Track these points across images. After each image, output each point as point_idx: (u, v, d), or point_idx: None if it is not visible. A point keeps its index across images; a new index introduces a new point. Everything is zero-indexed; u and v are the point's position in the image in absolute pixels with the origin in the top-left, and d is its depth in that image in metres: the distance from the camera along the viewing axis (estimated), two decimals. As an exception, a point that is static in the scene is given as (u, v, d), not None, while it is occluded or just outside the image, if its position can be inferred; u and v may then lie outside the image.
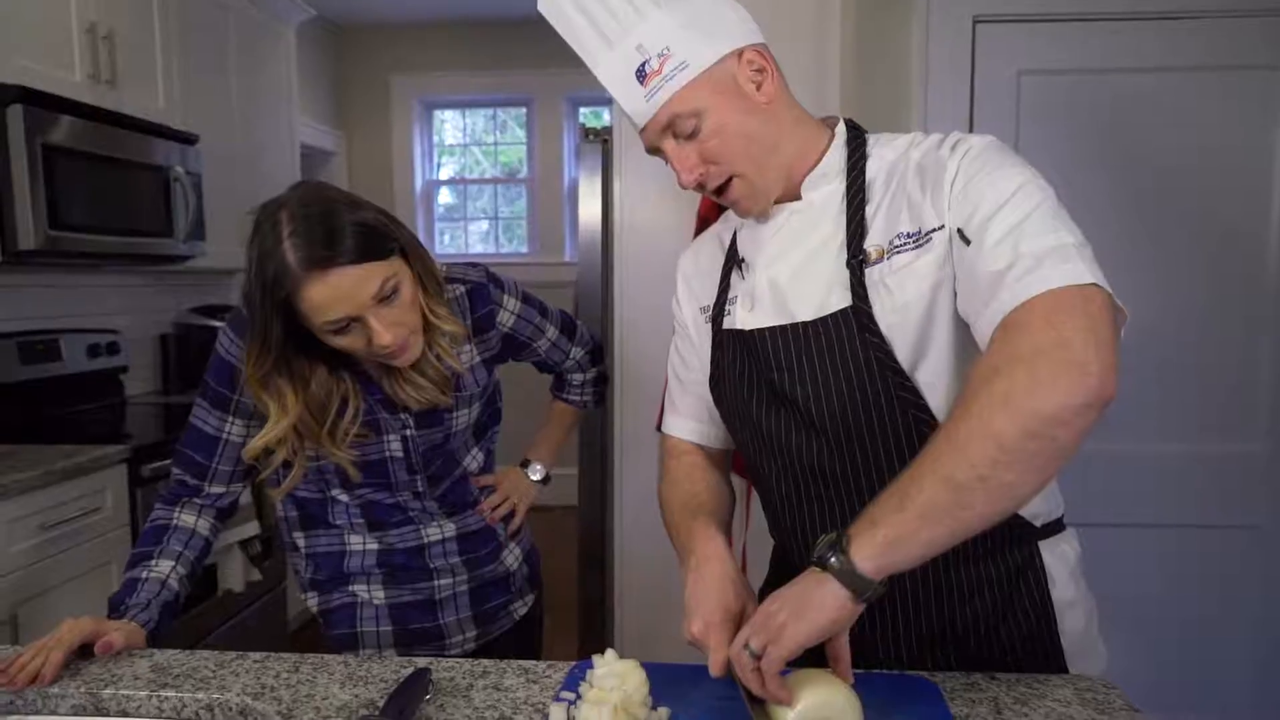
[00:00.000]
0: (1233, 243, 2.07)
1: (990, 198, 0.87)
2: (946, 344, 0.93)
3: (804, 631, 0.79)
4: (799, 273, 1.00)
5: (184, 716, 0.94)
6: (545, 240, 5.20)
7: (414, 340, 1.13)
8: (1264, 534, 2.15)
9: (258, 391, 1.12)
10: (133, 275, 3.04)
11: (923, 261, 0.92)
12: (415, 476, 1.26)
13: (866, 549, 0.78)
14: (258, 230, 1.06)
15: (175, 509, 1.22)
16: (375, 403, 1.20)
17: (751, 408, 1.05)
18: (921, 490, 0.77)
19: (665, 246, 2.29)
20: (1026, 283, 0.80)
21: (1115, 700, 0.90)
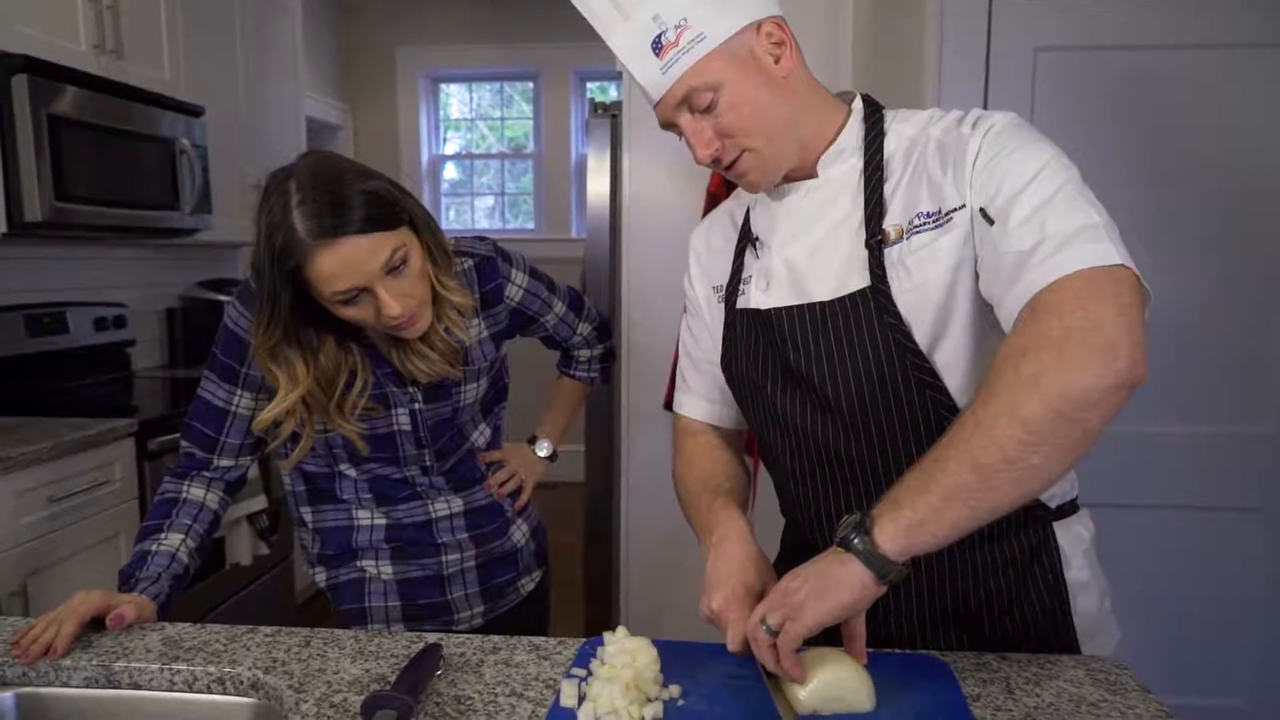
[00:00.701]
0: (1247, 224, 2.05)
1: (1014, 177, 0.86)
2: (965, 325, 0.92)
3: (824, 611, 0.79)
4: (816, 252, 0.98)
5: (195, 689, 0.94)
6: (552, 216, 5.18)
7: (423, 312, 1.12)
8: (1264, 516, 2.15)
9: (266, 363, 1.12)
10: (139, 248, 3.03)
11: (943, 242, 0.91)
12: (423, 451, 1.25)
13: (890, 530, 0.78)
14: (266, 199, 1.05)
15: (184, 482, 1.22)
16: (383, 376, 1.20)
17: (765, 388, 1.04)
18: (947, 472, 0.77)
19: (674, 223, 2.28)
20: (1055, 262, 0.79)
21: (1127, 681, 0.90)
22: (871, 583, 0.79)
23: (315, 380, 1.13)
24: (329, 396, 1.15)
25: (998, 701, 0.86)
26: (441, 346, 1.19)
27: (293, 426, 1.16)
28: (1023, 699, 0.86)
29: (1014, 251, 0.83)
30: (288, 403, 1.12)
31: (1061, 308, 0.77)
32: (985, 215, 0.87)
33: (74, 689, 0.95)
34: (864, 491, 0.99)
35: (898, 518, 0.78)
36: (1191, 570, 2.19)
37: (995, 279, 0.86)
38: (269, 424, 1.16)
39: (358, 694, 0.88)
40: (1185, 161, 2.02)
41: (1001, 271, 0.84)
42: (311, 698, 0.87)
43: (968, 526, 0.78)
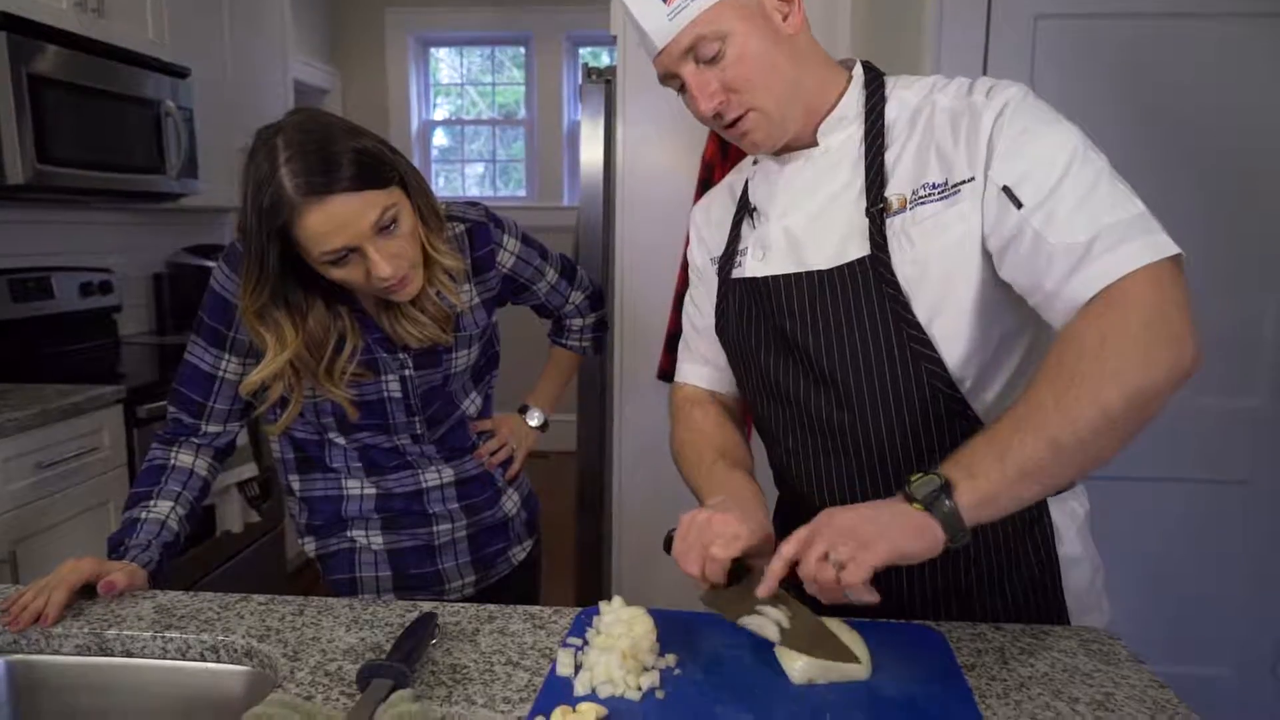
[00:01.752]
0: (1246, 197, 2.04)
1: (1047, 161, 0.85)
2: (967, 298, 0.91)
3: (897, 552, 0.77)
4: (815, 221, 0.97)
5: (189, 658, 0.94)
6: (544, 184, 5.13)
7: (413, 274, 1.11)
8: (1253, 489, 2.17)
9: (254, 324, 1.10)
10: (125, 213, 2.99)
11: (950, 214, 0.89)
12: (414, 418, 1.24)
13: (969, 499, 0.78)
14: (253, 157, 1.03)
15: (172, 449, 1.20)
16: (373, 342, 1.18)
17: (759, 357, 1.03)
18: (1025, 446, 0.77)
19: (668, 191, 2.26)
20: (1117, 258, 0.80)
21: (1119, 651, 0.90)
22: (941, 544, 0.78)
23: (304, 343, 1.11)
24: (317, 360, 1.13)
25: (992, 671, 0.86)
26: (433, 310, 1.17)
27: (280, 390, 1.15)
28: (1016, 669, 0.87)
29: (1067, 243, 0.82)
30: (275, 365, 1.11)
31: (1138, 300, 0.79)
32: (1011, 195, 0.86)
33: (66, 656, 0.94)
34: (859, 463, 0.99)
35: (976, 487, 0.78)
36: (1181, 542, 2.22)
37: (1041, 269, 0.84)
38: (256, 386, 1.14)
39: (353, 662, 0.87)
40: (1184, 132, 2.01)
41: (1054, 263, 0.83)
42: (306, 666, 0.87)
43: (1029, 501, 0.80)
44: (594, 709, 0.76)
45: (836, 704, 0.79)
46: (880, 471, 0.98)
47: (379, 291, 1.10)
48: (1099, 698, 0.82)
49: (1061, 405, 0.77)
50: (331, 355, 1.14)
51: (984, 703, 0.80)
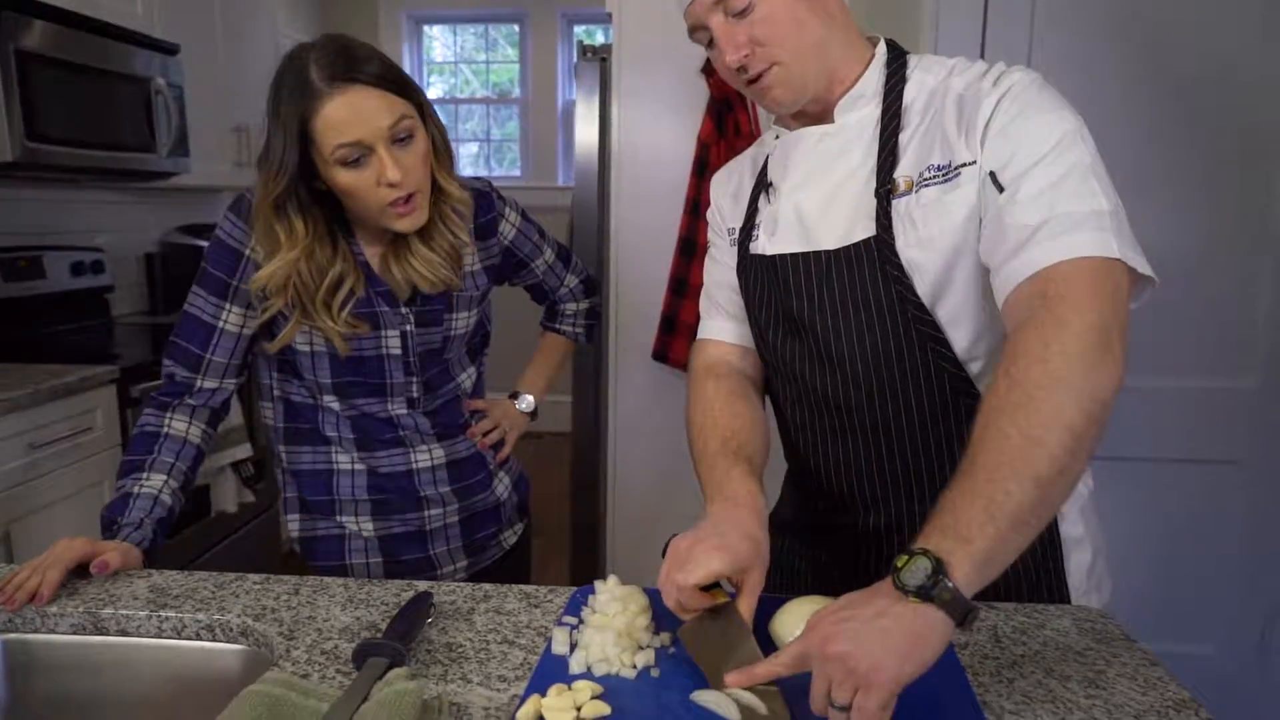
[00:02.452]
0: (1244, 173, 2.04)
1: (1029, 146, 0.84)
2: (970, 281, 0.91)
3: (908, 674, 0.67)
4: (826, 200, 0.97)
5: (184, 636, 0.94)
6: (538, 164, 5.10)
7: (421, 200, 1.12)
8: (1244, 469, 2.18)
9: (269, 218, 1.10)
10: (116, 192, 2.96)
11: (951, 197, 0.89)
12: (411, 379, 1.24)
13: (966, 568, 0.69)
14: (283, 61, 1.09)
15: (166, 414, 1.19)
16: (376, 295, 1.19)
17: (769, 334, 1.04)
18: (1010, 494, 0.70)
19: (664, 171, 2.24)
20: (1059, 244, 0.79)
21: (1112, 629, 0.91)
22: (951, 631, 0.69)
23: (307, 261, 1.12)
24: (317, 286, 1.13)
25: (985, 649, 0.87)
26: (444, 246, 1.19)
27: (280, 305, 1.14)
28: (1010, 647, 0.87)
29: (1019, 224, 0.82)
30: (286, 261, 1.11)
31: (1076, 301, 0.76)
32: (995, 180, 0.85)
33: (61, 635, 0.94)
34: (865, 441, 0.99)
35: (972, 554, 0.69)
36: (1173, 522, 2.23)
37: (996, 247, 0.84)
38: (264, 282, 1.13)
39: (349, 641, 0.87)
40: (1184, 107, 2.00)
41: (1003, 241, 0.83)
42: (302, 645, 0.87)
43: (1020, 551, 0.72)
44: (589, 687, 0.77)
45: (831, 682, 0.80)
46: (891, 450, 0.98)
47: (385, 216, 1.10)
48: (1091, 675, 0.82)
49: (1031, 435, 0.72)
50: (331, 288, 1.14)
51: (977, 681, 0.81)
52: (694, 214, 2.18)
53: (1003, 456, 0.72)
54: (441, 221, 1.18)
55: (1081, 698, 0.78)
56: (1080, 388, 0.73)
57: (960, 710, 0.75)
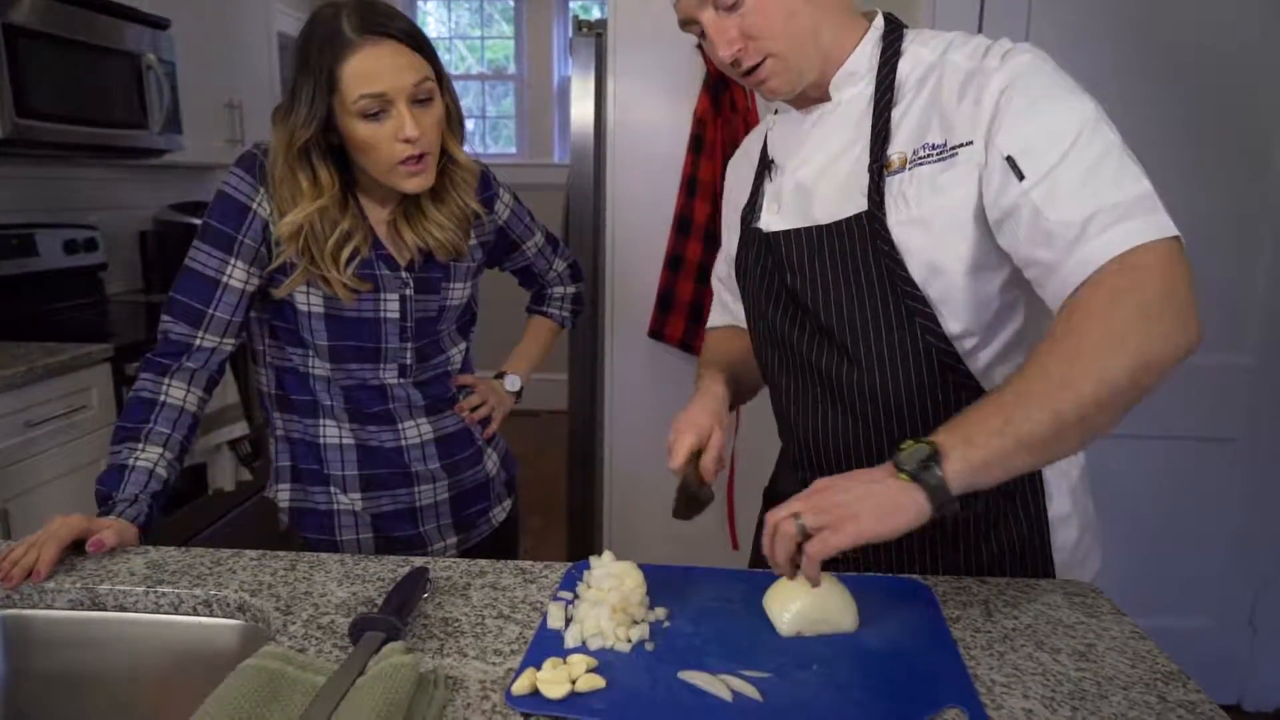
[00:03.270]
0: (1242, 154, 2.04)
1: (1054, 134, 0.83)
2: (963, 261, 0.90)
3: (875, 531, 0.76)
4: (822, 176, 0.98)
5: (181, 612, 0.94)
6: (534, 141, 5.07)
7: (431, 163, 1.15)
8: (1240, 447, 2.20)
9: (293, 165, 1.12)
10: (108, 169, 2.94)
11: (946, 177, 0.89)
12: (406, 345, 1.24)
13: (960, 467, 0.76)
14: (311, 19, 1.12)
15: (164, 379, 1.17)
16: (377, 258, 1.20)
17: (768, 310, 1.05)
18: (1030, 419, 0.75)
19: (661, 148, 2.23)
20: (1111, 237, 0.78)
21: (1102, 604, 0.92)
22: (925, 514, 0.77)
23: (321, 213, 1.14)
24: (327, 238, 1.15)
25: (977, 623, 0.87)
26: (456, 211, 1.23)
27: (292, 253, 1.15)
28: (1001, 621, 0.88)
29: (1065, 222, 0.81)
30: (312, 208, 1.13)
31: (1149, 270, 0.77)
32: (1014, 166, 0.84)
33: (58, 611, 0.95)
34: (858, 416, 0.99)
35: (970, 455, 0.76)
36: (1167, 498, 2.24)
37: (1035, 243, 0.83)
38: (292, 228, 1.13)
39: (345, 616, 0.88)
40: (1181, 84, 2.00)
41: (1050, 239, 0.82)
42: (299, 619, 0.87)
43: (1023, 471, 0.79)
44: (584, 660, 0.77)
45: (824, 655, 0.80)
46: (879, 424, 0.99)
47: (395, 174, 1.12)
48: (1081, 648, 0.83)
49: (1069, 379, 0.75)
50: (339, 242, 1.16)
51: (969, 654, 0.81)
52: (690, 192, 2.17)
53: (1034, 386, 0.77)
54: (453, 189, 1.22)
55: (1071, 670, 0.79)
56: (1135, 350, 0.75)
57: (952, 682, 0.76)
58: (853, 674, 0.78)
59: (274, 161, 1.14)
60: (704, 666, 0.78)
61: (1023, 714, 0.72)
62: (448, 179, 1.21)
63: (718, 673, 0.77)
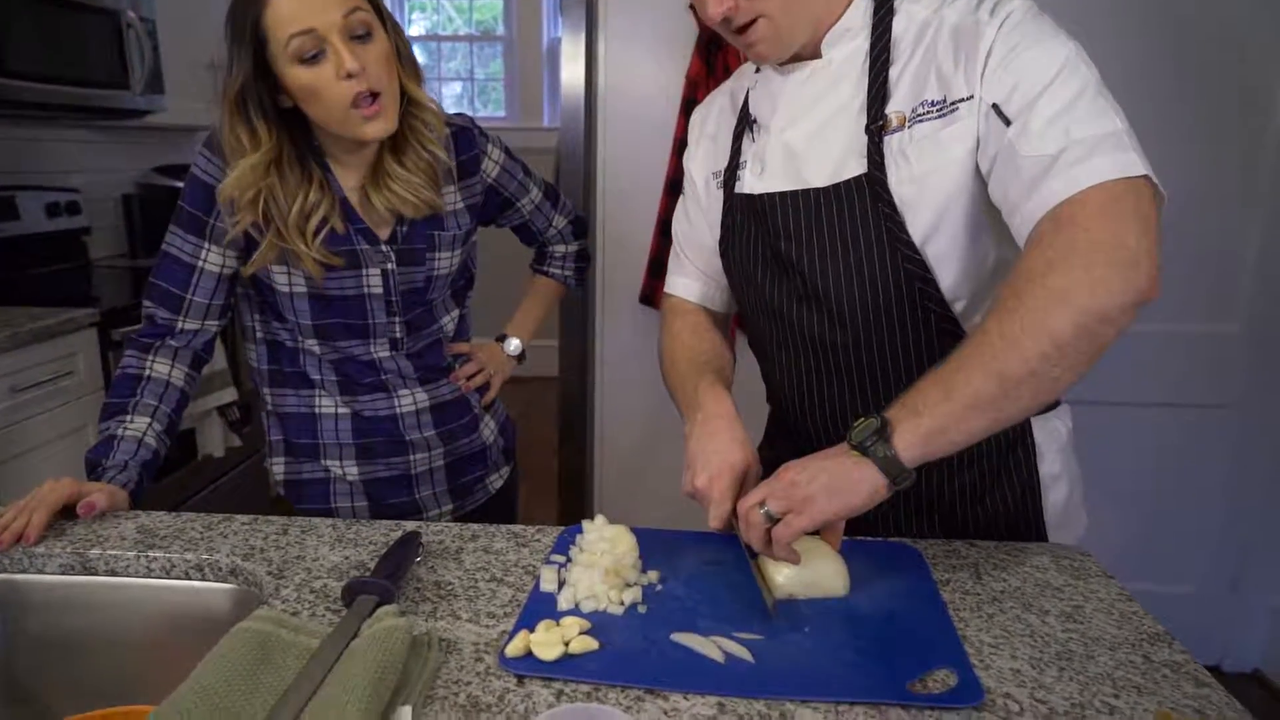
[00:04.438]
0: (1235, 121, 2.03)
1: (1033, 75, 0.82)
2: (961, 221, 0.90)
3: (833, 510, 0.79)
4: (815, 137, 0.96)
5: (173, 576, 0.94)
6: (524, 103, 5.00)
7: (389, 103, 1.09)
8: (1234, 413, 2.21)
9: (231, 121, 1.08)
10: (89, 130, 2.89)
11: (946, 133, 0.88)
12: (394, 320, 1.22)
13: (909, 439, 0.77)
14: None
15: (148, 356, 1.17)
16: (356, 233, 1.17)
17: (756, 276, 1.03)
18: (969, 382, 0.76)
19: (652, 111, 2.21)
20: (1080, 170, 0.77)
21: (1090, 567, 0.93)
22: (884, 488, 0.79)
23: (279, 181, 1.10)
24: (289, 208, 1.11)
25: (966, 586, 0.88)
26: (420, 164, 1.17)
27: (250, 220, 1.12)
28: (990, 583, 0.89)
29: (1035, 156, 0.80)
30: (250, 164, 1.08)
31: (1087, 221, 0.75)
32: (1000, 113, 0.83)
33: (50, 575, 0.95)
34: (849, 382, 0.99)
35: (917, 425, 0.77)
36: (1158, 465, 2.26)
37: (1011, 183, 0.82)
38: (231, 191, 1.10)
39: (337, 580, 0.88)
40: (1177, 56, 1.98)
41: (1020, 176, 0.81)
42: (291, 583, 0.87)
43: (982, 434, 0.78)
44: (577, 623, 0.78)
45: (815, 618, 0.81)
46: (871, 390, 0.99)
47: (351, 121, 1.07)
48: (1068, 610, 0.84)
49: (1007, 336, 0.75)
50: (303, 213, 1.12)
51: (958, 616, 0.82)
52: (682, 155, 2.15)
53: (975, 350, 0.77)
54: (414, 138, 1.16)
55: (1059, 632, 0.80)
56: (1076, 302, 0.73)
57: (942, 644, 0.77)
58: (844, 636, 0.78)
59: (220, 125, 1.10)
60: (696, 629, 0.79)
61: (1011, 674, 0.73)
62: (407, 126, 1.15)
63: (710, 635, 0.77)
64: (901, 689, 0.70)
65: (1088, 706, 0.69)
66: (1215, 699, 0.71)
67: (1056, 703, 0.70)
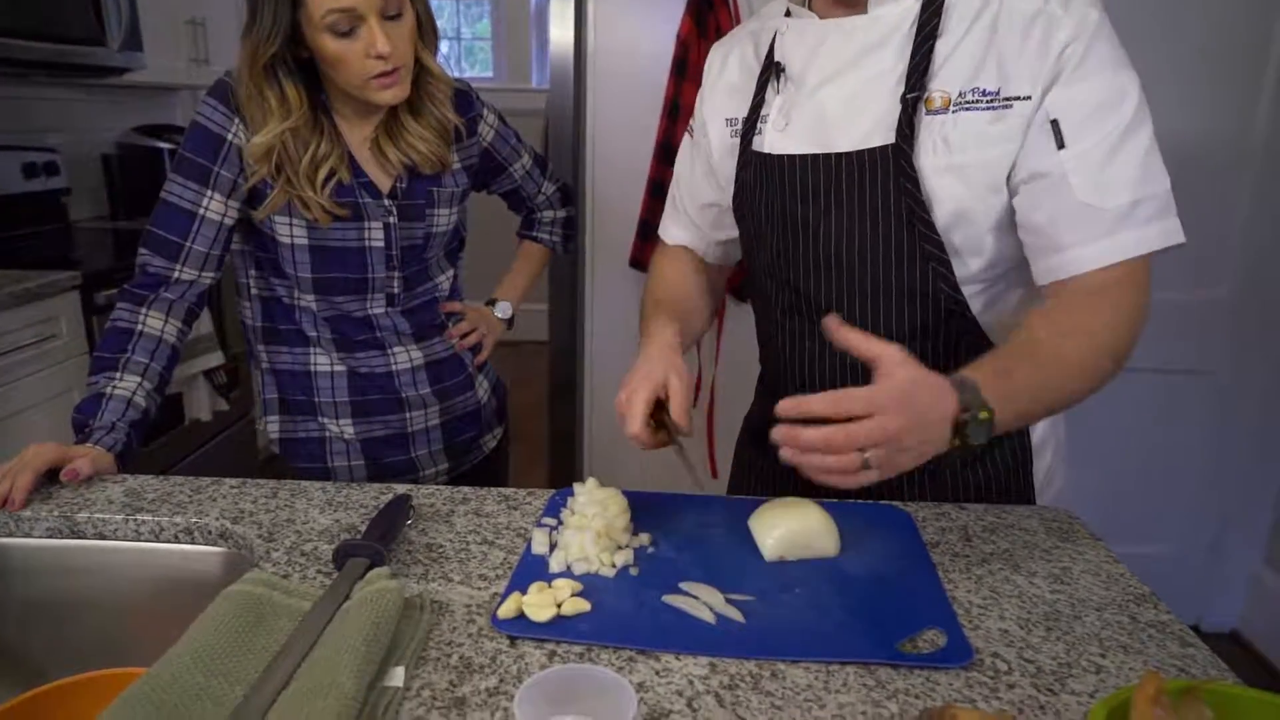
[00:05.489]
0: (1225, 86, 2.02)
1: (1104, 108, 0.82)
2: (995, 215, 0.89)
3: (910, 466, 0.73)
4: (850, 99, 0.91)
5: (162, 540, 0.93)
6: (511, 64, 4.93)
7: (405, 75, 1.12)
8: (1219, 380, 2.23)
9: (260, 83, 1.09)
10: (67, 89, 2.82)
11: (995, 130, 0.85)
12: (393, 274, 1.23)
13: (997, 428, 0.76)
14: None
15: (141, 309, 1.15)
16: (359, 185, 1.18)
17: (766, 234, 1.00)
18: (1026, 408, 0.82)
19: (643, 72, 2.17)
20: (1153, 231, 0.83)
21: (1078, 529, 0.94)
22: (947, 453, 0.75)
23: (293, 134, 1.11)
24: (300, 158, 1.13)
25: (955, 548, 0.89)
26: (433, 122, 1.20)
27: (265, 173, 1.13)
28: (979, 545, 0.89)
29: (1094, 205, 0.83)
30: (282, 127, 1.10)
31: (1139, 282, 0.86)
32: (1057, 131, 0.83)
33: (37, 539, 0.94)
34: None
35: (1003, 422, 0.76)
36: (1144, 429, 2.28)
37: (1055, 215, 0.84)
38: (261, 149, 1.11)
39: (328, 543, 0.88)
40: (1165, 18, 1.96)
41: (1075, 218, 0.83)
42: (281, 547, 0.87)
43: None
44: (569, 584, 0.78)
45: (806, 579, 0.82)
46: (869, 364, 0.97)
47: (367, 88, 1.09)
48: (1056, 572, 0.85)
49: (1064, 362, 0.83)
50: (313, 163, 1.13)
51: (947, 578, 0.83)
52: (673, 116, 2.13)
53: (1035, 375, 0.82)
54: (429, 100, 1.19)
55: (1046, 593, 0.81)
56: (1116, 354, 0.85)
57: (931, 605, 0.77)
58: (834, 597, 0.79)
59: (240, 80, 1.10)
60: (687, 590, 0.79)
61: (999, 634, 0.74)
62: (422, 91, 1.18)
63: (701, 596, 0.78)
64: (891, 649, 0.71)
65: (1074, 666, 0.70)
66: (1200, 658, 0.72)
67: (1044, 662, 0.70)
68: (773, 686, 0.67)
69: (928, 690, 0.67)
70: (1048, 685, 0.68)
